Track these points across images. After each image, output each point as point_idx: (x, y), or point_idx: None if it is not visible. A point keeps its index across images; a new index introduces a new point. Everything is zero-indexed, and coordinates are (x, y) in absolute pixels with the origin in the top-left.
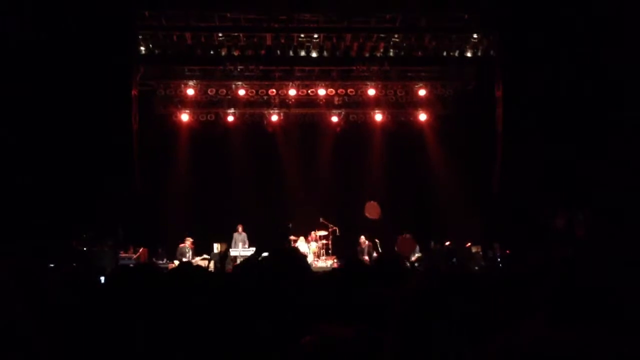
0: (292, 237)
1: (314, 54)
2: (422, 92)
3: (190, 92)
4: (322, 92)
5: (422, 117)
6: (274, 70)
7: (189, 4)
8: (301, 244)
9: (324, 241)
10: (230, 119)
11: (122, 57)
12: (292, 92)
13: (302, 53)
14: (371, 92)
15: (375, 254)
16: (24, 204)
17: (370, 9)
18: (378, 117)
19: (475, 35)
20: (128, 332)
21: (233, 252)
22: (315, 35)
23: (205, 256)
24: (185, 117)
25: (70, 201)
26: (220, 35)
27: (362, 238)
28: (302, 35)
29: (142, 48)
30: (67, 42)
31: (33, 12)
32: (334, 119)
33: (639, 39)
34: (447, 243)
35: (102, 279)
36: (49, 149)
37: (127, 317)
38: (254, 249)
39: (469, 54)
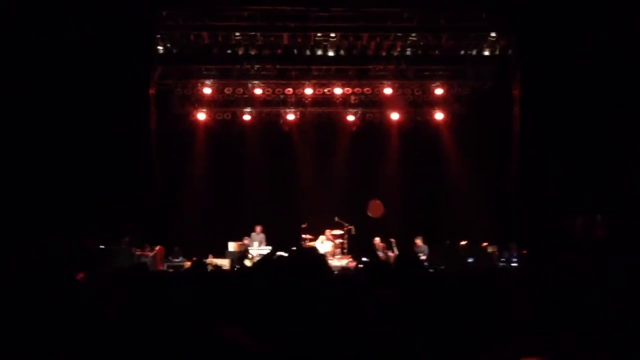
0: (309, 236)
1: (330, 53)
2: (438, 91)
3: (207, 91)
4: (338, 91)
5: (439, 116)
6: (290, 69)
7: (206, 3)
8: (320, 244)
9: (339, 240)
10: (247, 118)
11: (140, 56)
12: (309, 91)
13: (319, 52)
14: (388, 91)
15: (391, 254)
16: (41, 203)
17: (388, 7)
18: (394, 116)
19: (492, 34)
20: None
21: (250, 251)
22: (332, 34)
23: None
24: (202, 116)
25: (87, 200)
26: (237, 34)
27: (377, 239)
28: (319, 34)
29: (160, 47)
30: (85, 43)
31: (51, 12)
32: (350, 118)
33: None
34: (463, 243)
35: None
36: (68, 148)
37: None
38: (270, 248)
39: (486, 53)
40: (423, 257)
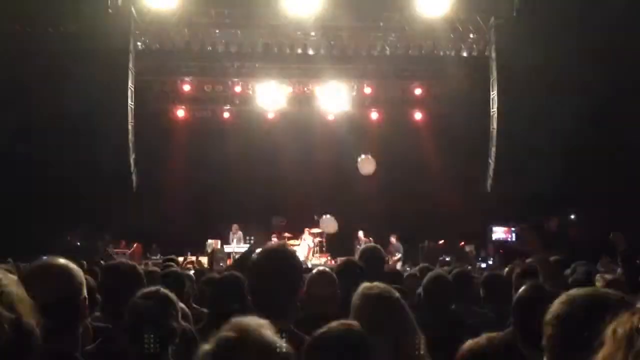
0: (287, 234)
1: (310, 52)
2: (417, 91)
3: (186, 88)
4: (318, 89)
5: (418, 115)
6: (270, 67)
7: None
8: (303, 242)
9: (319, 239)
10: (226, 115)
11: (118, 52)
12: (289, 89)
13: (299, 50)
14: (367, 90)
15: None
16: (21, 198)
17: (367, 7)
18: (374, 115)
19: (471, 35)
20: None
21: (227, 249)
22: (312, 33)
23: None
24: (181, 113)
25: (66, 196)
26: (217, 31)
27: (360, 233)
28: (299, 33)
29: (139, 43)
30: (63, 38)
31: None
32: (330, 116)
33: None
34: (441, 242)
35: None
36: (45, 145)
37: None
38: (247, 246)
39: (464, 54)
40: (398, 256)
